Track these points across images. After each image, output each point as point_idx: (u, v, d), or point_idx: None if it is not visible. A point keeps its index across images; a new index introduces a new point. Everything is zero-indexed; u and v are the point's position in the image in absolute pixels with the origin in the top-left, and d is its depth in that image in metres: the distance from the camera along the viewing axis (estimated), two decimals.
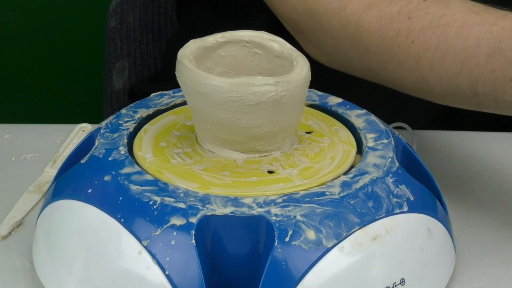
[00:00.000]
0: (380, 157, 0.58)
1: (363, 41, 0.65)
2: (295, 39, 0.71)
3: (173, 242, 0.51)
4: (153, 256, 0.52)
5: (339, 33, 0.67)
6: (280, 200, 0.53)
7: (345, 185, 0.55)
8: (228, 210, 0.52)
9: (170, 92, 0.67)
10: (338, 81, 0.84)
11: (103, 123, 0.62)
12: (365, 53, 0.66)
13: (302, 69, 0.57)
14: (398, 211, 0.55)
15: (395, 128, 0.72)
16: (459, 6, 0.62)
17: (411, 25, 0.63)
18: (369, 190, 0.55)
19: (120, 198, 0.54)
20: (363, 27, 0.65)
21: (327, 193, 0.54)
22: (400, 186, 0.56)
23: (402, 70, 0.64)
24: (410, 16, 0.63)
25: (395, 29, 0.64)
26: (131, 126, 0.61)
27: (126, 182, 0.55)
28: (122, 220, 0.53)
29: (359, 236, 0.53)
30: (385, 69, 0.65)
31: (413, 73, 0.64)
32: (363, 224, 0.53)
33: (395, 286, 0.54)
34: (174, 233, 0.52)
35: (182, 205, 0.53)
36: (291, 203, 0.53)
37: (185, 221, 0.52)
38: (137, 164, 0.57)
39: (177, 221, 0.52)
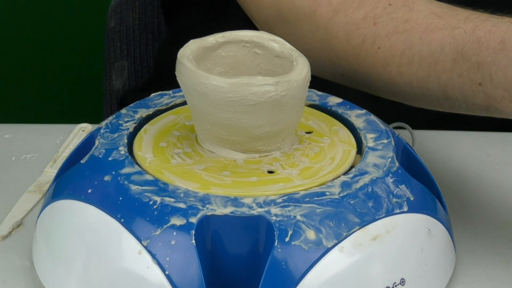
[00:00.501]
0: (380, 157, 0.58)
1: (333, 46, 0.65)
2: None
3: (173, 242, 0.51)
4: (153, 256, 0.52)
5: (310, 38, 0.67)
6: (280, 200, 0.53)
7: (345, 185, 0.55)
8: (228, 210, 0.52)
9: (170, 92, 0.67)
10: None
11: (103, 123, 0.62)
12: (335, 58, 0.66)
13: (302, 69, 0.57)
14: (398, 211, 0.55)
15: (395, 128, 0.72)
16: (422, 10, 0.62)
17: (376, 31, 0.63)
18: (369, 190, 0.55)
19: (120, 198, 0.54)
20: (331, 32, 0.66)
21: (327, 193, 0.54)
22: (400, 186, 0.56)
23: (372, 75, 0.65)
24: (376, 22, 0.64)
25: (362, 35, 0.64)
26: (131, 126, 0.61)
27: (126, 182, 0.55)
28: (122, 220, 0.53)
29: (359, 236, 0.53)
30: (356, 74, 0.66)
31: (383, 78, 0.64)
32: (363, 224, 0.53)
33: (395, 286, 0.54)
34: (174, 233, 0.52)
35: (182, 205, 0.53)
36: (291, 203, 0.53)
37: (185, 221, 0.52)
38: (137, 164, 0.57)
39: (177, 221, 0.52)
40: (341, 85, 0.76)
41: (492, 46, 0.57)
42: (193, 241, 0.51)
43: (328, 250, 0.52)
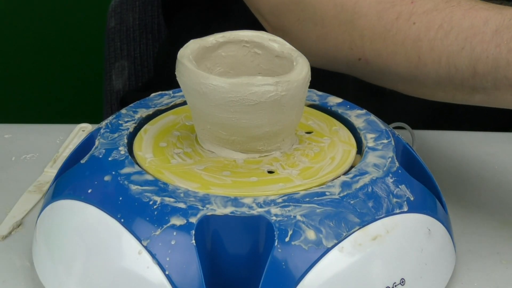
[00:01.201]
0: (380, 157, 0.58)
1: (358, 26, 0.64)
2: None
3: (173, 242, 0.51)
4: (153, 256, 0.52)
5: (331, 20, 0.66)
6: (280, 200, 0.53)
7: (345, 185, 0.55)
8: (228, 210, 0.52)
9: (170, 92, 0.67)
10: (338, 81, 0.84)
11: (103, 123, 0.62)
12: (358, 40, 0.65)
13: (302, 69, 0.57)
14: (398, 211, 0.55)
15: (395, 128, 0.72)
16: None
17: (414, 8, 0.62)
18: (369, 190, 0.55)
19: (120, 198, 0.54)
20: (360, 12, 0.64)
21: (327, 193, 0.54)
22: (400, 186, 0.56)
23: (397, 55, 0.63)
24: (414, 1, 0.62)
25: (396, 12, 0.63)
26: (131, 126, 0.61)
27: (126, 182, 0.55)
28: (122, 220, 0.53)
29: (359, 236, 0.53)
30: (378, 55, 0.64)
31: (410, 57, 0.63)
32: (363, 224, 0.53)
33: (395, 286, 0.54)
34: (174, 233, 0.52)
35: (182, 205, 0.53)
36: (291, 203, 0.53)
37: (185, 221, 0.52)
38: (137, 164, 0.57)
39: (177, 221, 0.52)
40: (341, 85, 0.76)
41: None
42: (193, 241, 0.51)
43: (328, 250, 0.52)
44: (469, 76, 0.60)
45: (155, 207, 0.53)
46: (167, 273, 0.51)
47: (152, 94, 0.67)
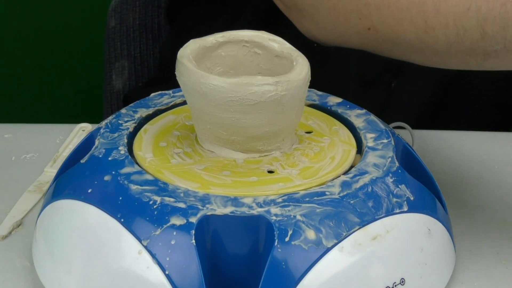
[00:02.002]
0: (380, 157, 0.58)
1: None
2: (292, 38, 0.71)
3: (173, 242, 0.51)
4: (153, 256, 0.52)
5: None
6: (280, 200, 0.53)
7: (345, 185, 0.55)
8: (228, 210, 0.52)
9: (170, 92, 0.67)
10: (338, 81, 0.84)
11: (103, 123, 0.62)
12: (364, 8, 0.64)
13: (302, 69, 0.57)
14: (398, 211, 0.55)
15: (395, 128, 0.72)
16: None
17: None
18: (369, 190, 0.55)
19: (120, 198, 0.54)
20: None
21: (327, 193, 0.54)
22: (400, 186, 0.56)
23: (404, 21, 0.62)
24: None
25: None
26: (131, 126, 0.61)
27: (126, 182, 0.55)
28: (122, 220, 0.53)
29: (359, 236, 0.53)
30: (386, 23, 0.63)
31: (416, 22, 0.61)
32: (363, 224, 0.53)
33: (395, 286, 0.54)
34: (174, 233, 0.52)
35: (182, 205, 0.53)
36: (291, 203, 0.53)
37: (185, 221, 0.52)
38: (137, 164, 0.57)
39: (177, 221, 0.52)
40: (341, 85, 0.76)
41: None
42: (193, 241, 0.51)
43: (328, 250, 0.52)
44: (478, 38, 0.58)
45: (155, 207, 0.53)
46: (167, 273, 0.51)
47: (152, 94, 0.67)
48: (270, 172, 0.57)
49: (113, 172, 0.56)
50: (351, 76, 0.91)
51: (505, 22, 0.57)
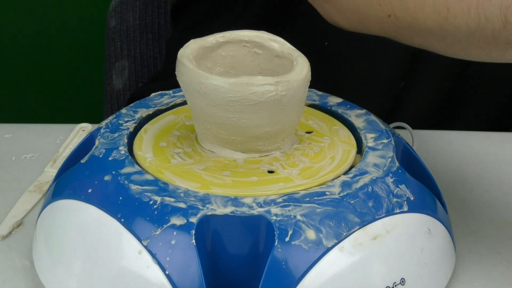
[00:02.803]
0: (380, 157, 0.58)
1: None
2: (294, 38, 0.71)
3: (173, 242, 0.51)
4: (153, 256, 0.52)
5: None
6: (280, 200, 0.53)
7: (345, 185, 0.55)
8: (228, 210, 0.52)
9: (170, 92, 0.67)
10: (338, 81, 0.84)
11: (103, 123, 0.62)
12: None
13: (302, 69, 0.57)
14: (398, 211, 0.55)
15: (395, 128, 0.72)
16: None
17: None
18: (369, 190, 0.55)
19: (120, 198, 0.54)
20: None
21: (327, 193, 0.54)
22: (400, 186, 0.56)
23: (426, 7, 0.61)
24: None
25: None
26: (131, 126, 0.61)
27: (126, 182, 0.55)
28: (122, 220, 0.53)
29: (359, 236, 0.53)
30: (406, 9, 0.62)
31: (438, 8, 0.60)
32: (363, 224, 0.53)
33: (395, 286, 0.54)
34: (174, 233, 0.52)
35: (182, 205, 0.53)
36: (291, 203, 0.53)
37: (185, 221, 0.52)
38: (137, 164, 0.57)
39: (177, 221, 0.52)
40: (341, 85, 0.76)
41: None
42: (193, 241, 0.51)
43: (328, 250, 0.52)
44: (500, 27, 0.57)
45: (155, 206, 0.53)
46: (167, 273, 0.51)
47: (152, 94, 0.67)
48: (270, 172, 0.57)
49: (113, 172, 0.56)
50: (351, 76, 0.90)
51: None
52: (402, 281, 0.54)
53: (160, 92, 0.67)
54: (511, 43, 0.57)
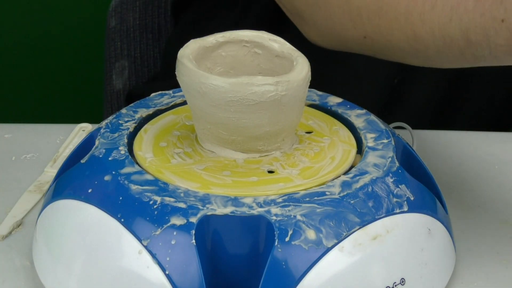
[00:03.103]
0: (380, 157, 0.58)
1: (354, 6, 0.65)
2: (294, 38, 0.71)
3: (173, 242, 0.51)
4: (153, 255, 0.52)
5: (331, 2, 0.66)
6: (280, 200, 0.53)
7: (345, 185, 0.55)
8: (228, 210, 0.52)
9: (170, 92, 0.67)
10: (338, 81, 0.84)
11: (103, 123, 0.62)
12: (357, 19, 0.65)
13: (302, 69, 0.57)
14: (398, 211, 0.55)
15: (395, 128, 0.72)
16: None
17: None
18: (369, 190, 0.55)
19: (120, 198, 0.54)
20: None
21: (327, 193, 0.54)
22: (400, 186, 0.56)
23: (395, 30, 0.64)
24: None
25: None
26: (131, 126, 0.61)
27: (126, 182, 0.55)
28: (122, 220, 0.53)
29: (359, 236, 0.53)
30: (378, 32, 0.65)
31: (405, 31, 0.63)
32: (363, 224, 0.53)
33: (395, 286, 0.54)
34: (174, 233, 0.52)
35: (182, 205, 0.53)
36: (291, 203, 0.53)
37: (185, 221, 0.52)
38: (137, 164, 0.57)
39: (177, 220, 0.52)
40: (341, 85, 0.76)
41: None
42: (193, 241, 0.51)
43: (328, 250, 0.52)
44: (464, 46, 0.59)
45: (155, 206, 0.53)
46: (167, 272, 0.51)
47: (152, 94, 0.67)
48: (270, 172, 0.57)
49: (113, 172, 0.56)
50: (352, 75, 0.91)
51: (486, 32, 0.57)
52: (402, 281, 0.54)
53: (160, 92, 0.67)
54: (478, 58, 0.59)
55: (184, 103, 0.65)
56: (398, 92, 0.92)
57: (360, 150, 0.60)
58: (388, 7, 0.63)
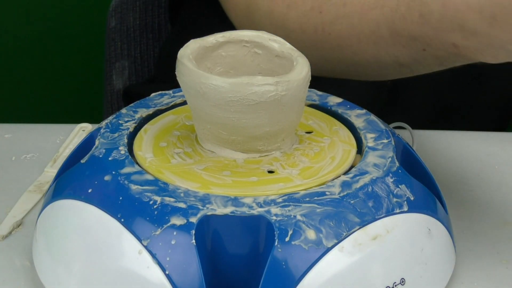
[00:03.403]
0: (380, 157, 0.58)
1: (292, 40, 0.67)
2: None
3: (173, 242, 0.51)
4: (153, 256, 0.52)
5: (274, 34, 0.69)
6: (280, 200, 0.53)
7: (345, 185, 0.55)
8: (228, 210, 0.52)
9: (170, 92, 0.67)
10: (338, 81, 0.84)
11: (103, 123, 0.62)
12: (300, 50, 0.68)
13: (302, 69, 0.57)
14: (398, 211, 0.55)
15: (395, 128, 0.72)
16: None
17: (323, 19, 0.66)
18: (369, 190, 0.55)
19: (120, 198, 0.54)
20: (288, 27, 0.69)
21: (327, 193, 0.54)
22: (400, 186, 0.56)
23: (334, 60, 0.68)
24: (321, 10, 0.67)
25: (312, 25, 0.67)
26: (131, 126, 0.61)
27: (126, 182, 0.55)
28: (122, 220, 0.53)
29: (359, 236, 0.53)
30: (322, 61, 0.68)
31: (344, 60, 0.67)
32: (363, 224, 0.53)
33: (395, 286, 0.54)
34: (174, 233, 0.52)
35: (182, 205, 0.53)
36: (291, 203, 0.53)
37: (185, 221, 0.52)
38: (137, 164, 0.57)
39: (177, 220, 0.52)
40: (341, 85, 0.76)
41: (416, 21, 0.59)
42: (193, 241, 0.51)
43: (328, 250, 0.52)
44: (400, 67, 0.64)
45: (155, 206, 0.53)
46: (167, 273, 0.51)
47: (152, 94, 0.67)
48: (270, 172, 0.57)
49: (113, 172, 0.56)
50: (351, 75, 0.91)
51: (414, 57, 0.62)
52: (402, 281, 0.54)
53: (160, 92, 0.67)
54: (418, 70, 0.64)
55: (184, 103, 0.65)
56: (394, 94, 0.92)
57: (360, 150, 0.60)
58: (321, 42, 0.68)
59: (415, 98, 0.93)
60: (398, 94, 0.92)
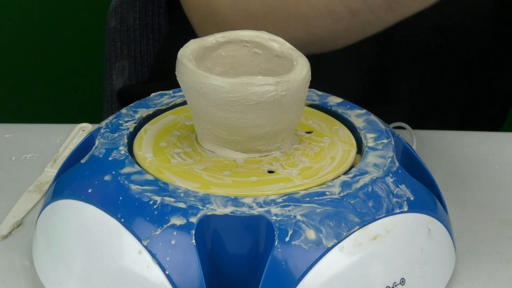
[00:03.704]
0: (380, 157, 0.58)
1: (251, 9, 0.71)
2: None
3: (173, 242, 0.51)
4: (153, 255, 0.52)
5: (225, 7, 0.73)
6: (280, 200, 0.53)
7: (345, 185, 0.55)
8: (228, 210, 0.52)
9: (170, 92, 0.67)
10: (338, 81, 0.84)
11: (103, 123, 0.62)
12: (255, 20, 0.72)
13: (302, 69, 0.57)
14: (398, 211, 0.55)
15: (395, 128, 0.72)
16: None
17: None
18: (369, 190, 0.55)
19: (120, 198, 0.54)
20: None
21: (327, 193, 0.54)
22: (400, 186, 0.56)
23: (290, 26, 0.70)
24: None
25: None
26: (131, 126, 0.61)
27: (126, 182, 0.55)
28: (122, 220, 0.53)
29: (359, 235, 0.53)
30: (277, 28, 0.69)
31: (299, 20, 0.69)
32: (363, 223, 0.53)
33: (395, 286, 0.54)
34: (174, 233, 0.52)
35: (182, 205, 0.53)
36: (291, 203, 0.53)
37: (185, 221, 0.52)
38: (137, 164, 0.57)
39: (177, 221, 0.52)
40: (341, 85, 0.76)
41: None
42: (193, 241, 0.51)
43: (328, 250, 0.52)
44: (350, 17, 0.66)
45: (155, 206, 0.53)
46: (167, 273, 0.51)
47: (152, 94, 0.67)
48: (270, 172, 0.57)
49: (113, 172, 0.56)
50: (352, 76, 0.91)
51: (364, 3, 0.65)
52: (402, 281, 0.54)
53: (160, 92, 0.67)
54: (366, 25, 0.68)
55: (184, 103, 0.65)
56: (396, 95, 0.92)
57: (360, 150, 0.60)
58: (278, 9, 0.70)
59: (415, 98, 0.93)
60: (387, 91, 0.92)
